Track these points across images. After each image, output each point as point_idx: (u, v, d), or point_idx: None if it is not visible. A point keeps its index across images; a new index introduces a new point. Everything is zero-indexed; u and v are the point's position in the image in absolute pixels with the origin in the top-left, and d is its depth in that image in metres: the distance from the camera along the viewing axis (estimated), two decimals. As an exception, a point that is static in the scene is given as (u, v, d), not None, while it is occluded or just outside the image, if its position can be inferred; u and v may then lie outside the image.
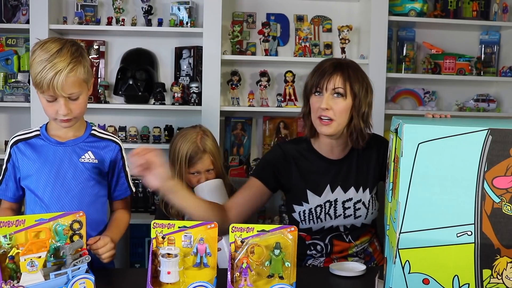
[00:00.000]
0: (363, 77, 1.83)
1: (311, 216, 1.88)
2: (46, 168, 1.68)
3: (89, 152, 1.73)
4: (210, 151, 2.06)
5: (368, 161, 1.91)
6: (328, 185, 1.88)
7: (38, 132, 1.73)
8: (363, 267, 1.64)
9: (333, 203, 1.88)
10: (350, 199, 1.89)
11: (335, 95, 1.77)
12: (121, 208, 1.84)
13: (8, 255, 1.33)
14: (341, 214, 1.88)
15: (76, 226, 1.43)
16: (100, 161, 1.74)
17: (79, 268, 1.37)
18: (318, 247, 1.91)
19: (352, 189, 1.89)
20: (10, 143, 1.73)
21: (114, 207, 1.85)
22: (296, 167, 1.89)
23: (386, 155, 1.87)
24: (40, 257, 1.33)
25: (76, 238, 1.42)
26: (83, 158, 1.71)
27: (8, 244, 1.34)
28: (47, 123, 1.75)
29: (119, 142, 1.80)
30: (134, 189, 1.85)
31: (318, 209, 1.88)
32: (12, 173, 1.72)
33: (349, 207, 1.88)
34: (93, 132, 1.77)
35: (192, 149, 2.04)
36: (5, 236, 1.34)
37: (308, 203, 1.87)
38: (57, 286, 1.33)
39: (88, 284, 1.35)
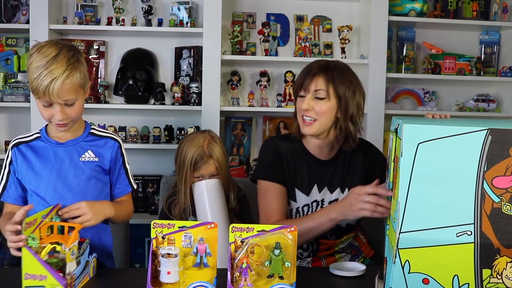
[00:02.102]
0: (351, 79, 1.81)
1: (297, 215, 1.89)
2: (47, 169, 1.69)
3: (89, 151, 1.74)
4: (216, 158, 2.03)
5: (355, 164, 1.92)
6: (316, 184, 1.89)
7: (38, 135, 1.74)
8: (363, 267, 1.64)
9: (319, 203, 1.89)
10: (336, 200, 1.90)
11: (317, 96, 1.79)
12: (124, 200, 1.84)
13: (47, 251, 1.37)
14: None
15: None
16: (100, 159, 1.74)
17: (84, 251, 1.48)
18: (304, 245, 1.91)
19: (338, 190, 1.91)
20: (10, 145, 1.74)
21: None
22: (287, 165, 1.89)
23: (372, 161, 1.94)
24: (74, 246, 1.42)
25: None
26: (83, 157, 1.72)
27: (37, 244, 1.39)
28: (47, 125, 1.76)
29: (118, 139, 1.81)
30: (135, 186, 1.85)
31: (306, 208, 1.89)
32: (15, 175, 1.72)
33: None
34: (92, 131, 1.78)
35: (198, 154, 2.01)
36: (33, 238, 1.40)
37: (296, 201, 1.88)
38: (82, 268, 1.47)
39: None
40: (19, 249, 1.42)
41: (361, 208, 1.62)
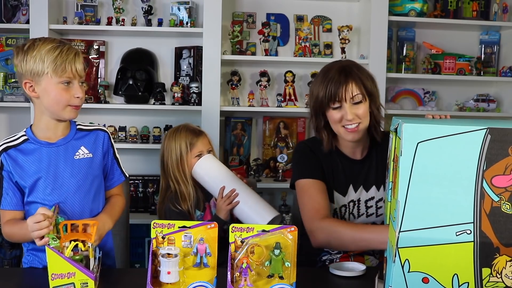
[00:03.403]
0: (366, 72, 1.85)
1: (335, 216, 1.88)
2: (42, 171, 1.64)
3: (82, 148, 1.71)
4: (205, 133, 2.13)
5: (386, 160, 1.91)
6: (351, 185, 1.89)
7: (25, 137, 1.67)
8: (363, 267, 1.64)
9: (356, 202, 1.89)
10: (372, 198, 1.90)
11: (355, 102, 1.78)
12: (116, 194, 1.84)
13: (71, 249, 1.40)
14: (364, 213, 1.89)
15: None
16: (94, 154, 1.73)
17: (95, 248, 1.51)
18: None
19: (374, 188, 1.90)
20: None
21: (108, 194, 1.83)
22: (324, 165, 1.88)
23: None
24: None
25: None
26: (77, 155, 1.69)
27: (58, 244, 1.42)
28: (31, 126, 1.69)
29: (106, 130, 1.81)
30: (127, 175, 1.86)
31: (343, 209, 1.88)
32: (10, 180, 1.65)
33: (371, 206, 1.89)
34: (78, 127, 1.74)
35: (189, 133, 2.10)
36: (53, 238, 1.43)
37: (333, 203, 1.87)
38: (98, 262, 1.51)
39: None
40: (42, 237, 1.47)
41: None
